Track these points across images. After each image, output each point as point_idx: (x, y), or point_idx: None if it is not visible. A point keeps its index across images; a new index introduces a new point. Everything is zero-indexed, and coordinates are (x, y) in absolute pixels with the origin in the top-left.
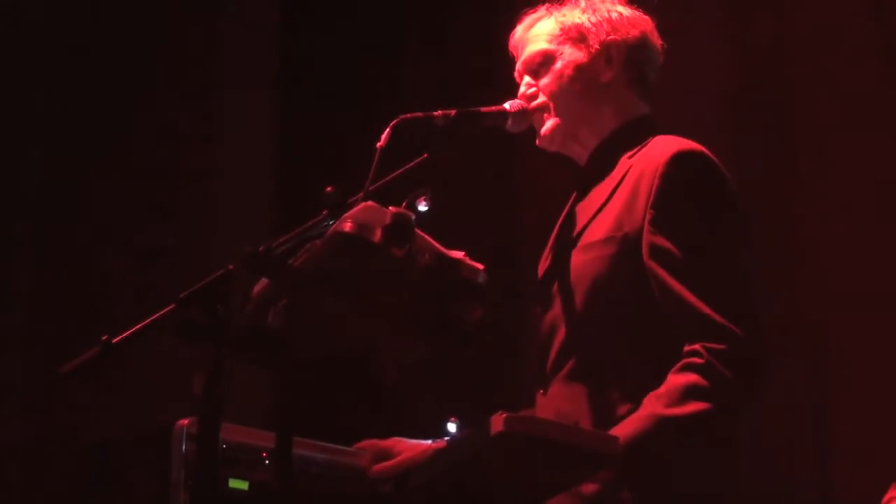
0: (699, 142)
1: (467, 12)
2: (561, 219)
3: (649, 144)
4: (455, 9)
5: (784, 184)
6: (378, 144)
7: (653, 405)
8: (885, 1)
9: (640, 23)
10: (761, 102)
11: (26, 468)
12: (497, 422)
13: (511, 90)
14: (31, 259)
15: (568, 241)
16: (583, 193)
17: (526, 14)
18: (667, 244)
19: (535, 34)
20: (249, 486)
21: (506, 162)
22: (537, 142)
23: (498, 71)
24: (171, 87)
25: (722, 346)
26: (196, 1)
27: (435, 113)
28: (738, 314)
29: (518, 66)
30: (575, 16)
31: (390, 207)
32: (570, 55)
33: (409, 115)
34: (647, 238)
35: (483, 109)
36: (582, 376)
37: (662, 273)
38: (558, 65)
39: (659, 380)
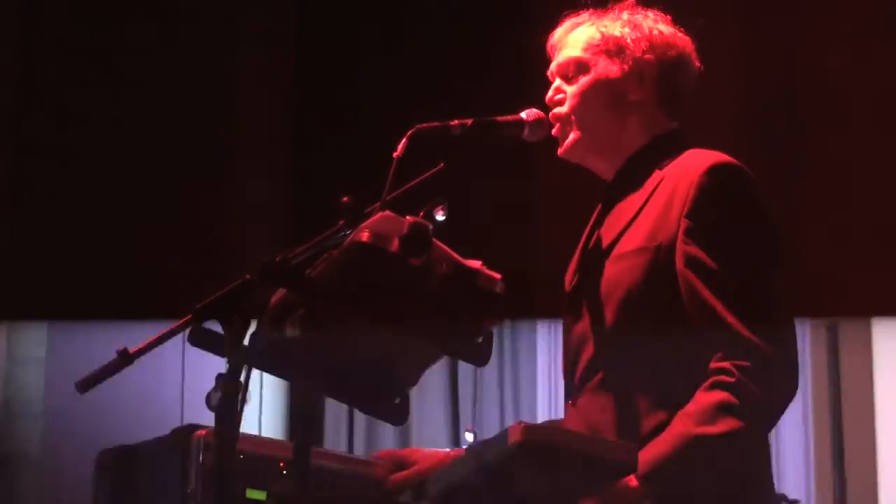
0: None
1: (489, 20)
2: (586, 231)
3: (683, 156)
4: (477, 16)
5: (796, 191)
6: (395, 154)
7: (683, 423)
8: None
9: (679, 43)
10: (774, 115)
11: (43, 476)
12: (515, 431)
13: (530, 98)
14: (47, 266)
15: (598, 252)
16: (610, 206)
17: (568, 17)
18: (701, 254)
19: (574, 39)
20: (267, 496)
21: (523, 171)
22: (558, 152)
23: (518, 78)
24: (187, 94)
25: (751, 364)
26: (213, 10)
27: (451, 122)
28: (768, 331)
29: (552, 67)
30: (616, 28)
31: (407, 217)
32: (603, 68)
33: (425, 125)
34: (681, 247)
35: (500, 118)
36: (611, 387)
37: (696, 282)
38: (590, 75)
39: (688, 389)
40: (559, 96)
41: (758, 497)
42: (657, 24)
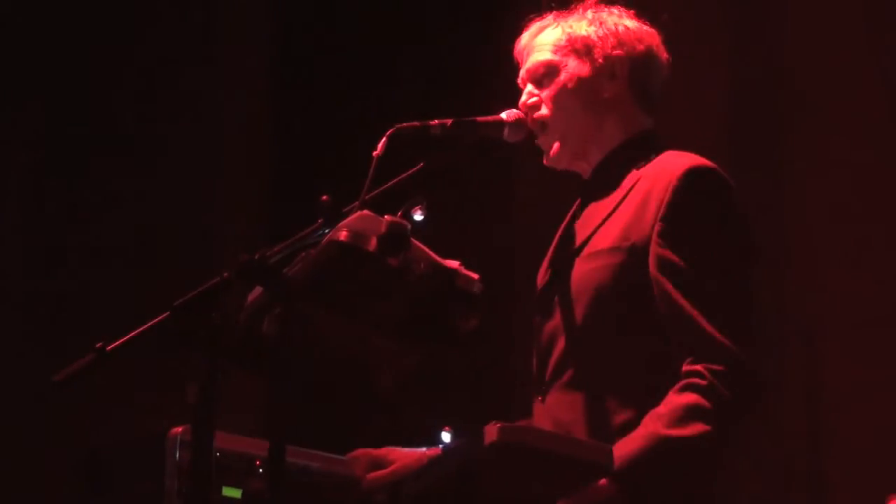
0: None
1: (468, 15)
2: (561, 229)
3: (660, 158)
4: (455, 12)
5: (779, 195)
6: (374, 153)
7: (654, 424)
8: (876, 15)
9: (646, 37)
10: (757, 118)
11: (20, 475)
12: (491, 432)
13: (510, 97)
14: (25, 263)
15: (570, 251)
16: (585, 205)
17: (532, 21)
18: (674, 258)
19: (541, 43)
20: (243, 494)
21: (501, 171)
22: (545, 162)
23: (497, 76)
24: (168, 91)
25: (723, 368)
26: (191, 7)
27: (431, 122)
28: (740, 335)
29: (521, 73)
30: (582, 28)
31: (386, 216)
32: (573, 68)
33: (405, 124)
34: (655, 250)
35: (479, 119)
36: (580, 385)
37: (668, 286)
38: (561, 77)
39: (657, 390)
40: (532, 100)
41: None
42: (622, 20)
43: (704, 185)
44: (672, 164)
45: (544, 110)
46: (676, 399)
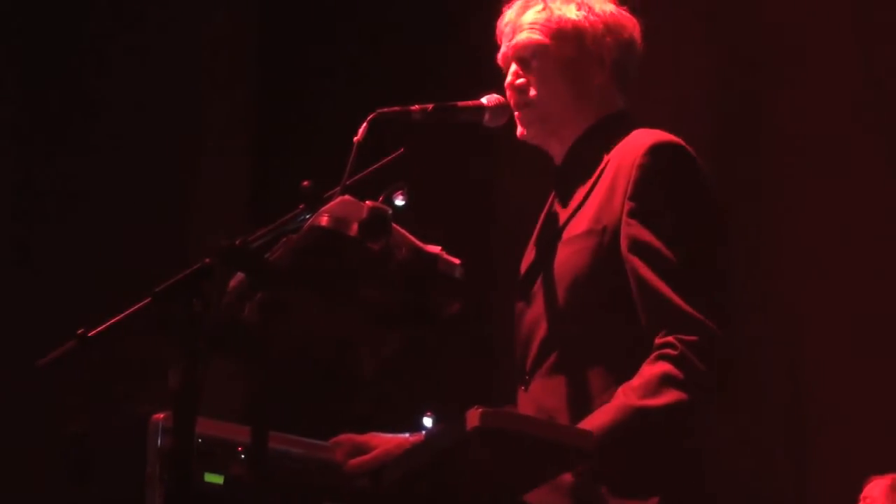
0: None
1: (448, 5)
2: (543, 215)
3: (628, 137)
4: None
5: (760, 188)
6: (355, 138)
7: (626, 396)
8: (861, 14)
9: (629, 24)
10: (740, 114)
11: (2, 461)
12: (473, 417)
13: (489, 84)
14: (12, 252)
15: (550, 236)
16: (562, 189)
17: None
18: (643, 235)
19: (530, 22)
20: (224, 480)
21: (482, 156)
22: (518, 134)
23: (476, 64)
24: (152, 82)
25: (695, 338)
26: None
27: (412, 107)
28: (711, 307)
29: (505, 49)
30: (571, 11)
31: (367, 202)
32: (564, 53)
33: (386, 109)
34: (625, 230)
35: (460, 104)
36: (563, 371)
37: (639, 264)
38: (551, 61)
39: (637, 370)
40: (520, 81)
41: (695, 470)
42: (605, 5)
43: (669, 160)
44: (637, 142)
45: (532, 92)
46: (648, 370)
